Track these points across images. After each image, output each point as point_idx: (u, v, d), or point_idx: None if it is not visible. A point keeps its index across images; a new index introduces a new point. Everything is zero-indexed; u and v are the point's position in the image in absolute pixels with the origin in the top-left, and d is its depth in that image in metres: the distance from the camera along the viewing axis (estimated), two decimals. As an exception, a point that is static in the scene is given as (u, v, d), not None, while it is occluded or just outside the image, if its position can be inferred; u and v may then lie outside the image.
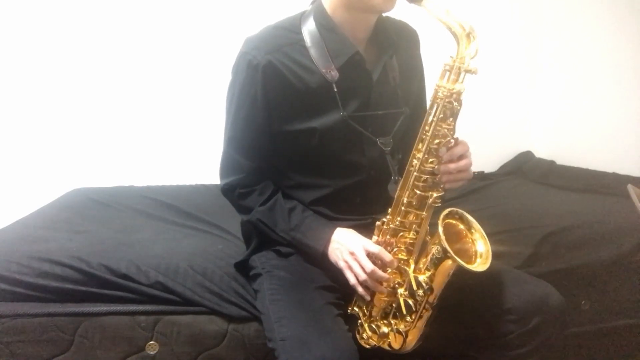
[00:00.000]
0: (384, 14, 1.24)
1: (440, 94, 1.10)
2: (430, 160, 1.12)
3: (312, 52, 1.18)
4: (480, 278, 1.19)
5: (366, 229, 1.22)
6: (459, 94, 1.09)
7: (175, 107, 2.25)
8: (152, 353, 1.32)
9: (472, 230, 1.16)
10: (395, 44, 1.26)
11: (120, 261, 1.37)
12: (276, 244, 1.28)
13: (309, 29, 1.20)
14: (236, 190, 1.27)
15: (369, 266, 1.12)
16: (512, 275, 1.25)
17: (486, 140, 2.38)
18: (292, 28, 1.22)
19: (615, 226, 1.68)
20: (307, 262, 1.25)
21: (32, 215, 1.80)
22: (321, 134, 1.20)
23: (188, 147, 2.27)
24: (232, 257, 1.45)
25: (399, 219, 1.16)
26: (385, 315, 1.19)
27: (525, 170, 2.40)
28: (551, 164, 2.42)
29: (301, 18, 1.22)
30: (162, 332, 1.32)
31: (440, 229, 1.08)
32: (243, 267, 1.37)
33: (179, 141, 2.28)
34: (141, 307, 1.33)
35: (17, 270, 1.33)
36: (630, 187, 1.29)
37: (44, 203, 1.94)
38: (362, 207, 1.29)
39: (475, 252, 1.15)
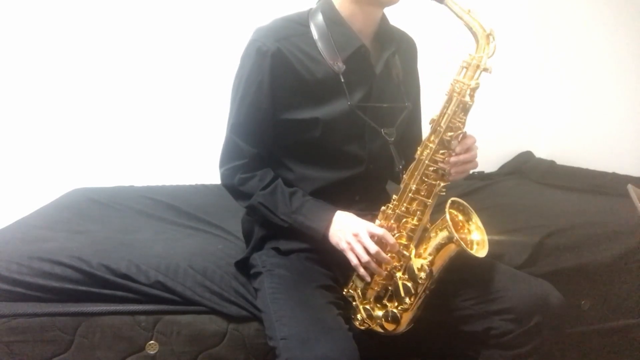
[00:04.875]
0: (387, 16, 1.29)
1: (457, 89, 1.14)
2: (441, 151, 1.16)
3: (320, 44, 1.22)
4: (480, 277, 1.22)
5: None
6: (474, 90, 1.13)
7: (175, 107, 2.25)
8: (152, 353, 1.32)
9: (470, 222, 1.22)
10: (397, 42, 1.30)
11: (120, 261, 1.37)
12: (276, 241, 1.29)
13: (316, 22, 1.24)
14: (237, 176, 1.27)
15: (373, 247, 1.14)
16: (511, 274, 1.26)
17: (486, 140, 2.37)
18: (300, 21, 1.26)
19: (615, 226, 1.68)
20: (308, 261, 1.25)
21: (32, 215, 1.80)
22: (324, 124, 1.23)
23: (188, 147, 2.27)
24: (232, 256, 1.45)
25: (404, 204, 1.20)
26: (379, 298, 1.22)
27: (525, 170, 2.40)
28: (551, 164, 2.43)
29: (309, 13, 1.27)
30: (162, 332, 1.32)
31: (447, 216, 1.13)
32: (244, 266, 1.37)
33: (179, 141, 2.28)
34: (141, 307, 1.33)
35: (17, 270, 1.33)
36: (630, 187, 1.29)
37: (44, 203, 1.93)
38: (361, 203, 1.31)
39: (472, 240, 1.20)
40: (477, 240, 1.20)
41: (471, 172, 2.39)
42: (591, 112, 2.41)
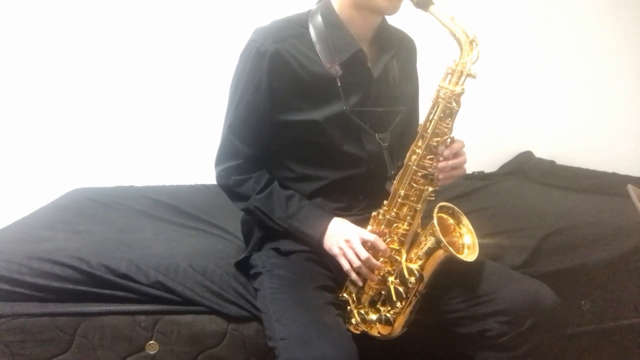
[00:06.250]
0: (387, 18, 1.29)
1: (442, 95, 1.14)
2: (429, 157, 1.17)
3: (318, 46, 1.22)
4: (474, 279, 1.22)
5: (364, 224, 1.24)
6: (459, 95, 1.14)
7: (175, 107, 2.25)
8: (152, 353, 1.32)
9: (461, 225, 1.23)
10: (397, 45, 1.30)
11: (120, 261, 1.37)
12: (276, 242, 1.29)
13: (315, 24, 1.24)
14: (232, 177, 1.28)
15: (364, 254, 1.15)
16: (505, 274, 1.26)
17: (486, 140, 2.39)
18: (299, 22, 1.26)
19: (615, 226, 1.68)
20: (308, 262, 1.26)
21: (32, 215, 1.80)
22: (321, 126, 1.23)
23: (188, 147, 2.27)
24: (231, 256, 1.45)
25: (394, 210, 1.21)
26: (373, 303, 1.23)
27: (525, 170, 2.40)
28: (551, 164, 2.43)
29: (308, 14, 1.27)
30: (162, 332, 1.32)
31: (435, 221, 1.14)
32: (243, 266, 1.37)
33: (179, 141, 2.28)
34: (141, 307, 1.33)
35: (17, 270, 1.33)
36: (630, 187, 1.29)
37: (44, 203, 1.94)
38: (363, 202, 1.32)
39: (463, 244, 1.22)
40: (468, 244, 1.21)
41: (471, 172, 2.41)
42: (591, 112, 2.41)
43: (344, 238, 1.18)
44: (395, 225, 1.21)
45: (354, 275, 1.19)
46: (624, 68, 2.31)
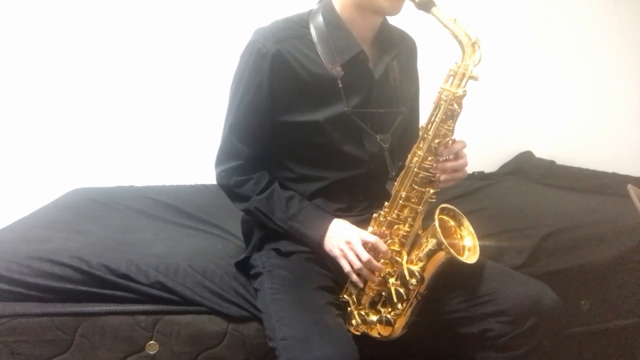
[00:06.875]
0: (388, 19, 1.29)
1: (443, 97, 1.14)
2: (430, 158, 1.17)
3: (319, 47, 1.22)
4: (475, 278, 1.22)
5: (365, 224, 1.24)
6: (461, 98, 1.14)
7: (175, 107, 2.25)
8: (152, 353, 1.32)
9: (462, 227, 1.23)
10: (398, 46, 1.30)
11: (120, 261, 1.37)
12: (276, 242, 1.29)
13: (316, 25, 1.23)
14: (233, 178, 1.28)
15: (365, 255, 1.15)
16: (506, 275, 1.26)
17: (486, 140, 2.39)
18: (300, 22, 1.25)
19: (615, 226, 1.68)
20: (308, 262, 1.26)
21: (32, 215, 1.80)
22: (322, 126, 1.23)
23: (188, 147, 2.27)
24: (232, 256, 1.46)
25: (395, 212, 1.21)
26: (374, 304, 1.23)
27: (525, 170, 2.40)
28: (551, 164, 2.43)
29: (309, 14, 1.26)
30: (162, 332, 1.32)
31: (437, 223, 1.14)
32: (244, 266, 1.37)
33: (179, 141, 2.28)
34: (141, 307, 1.33)
35: (17, 270, 1.33)
36: (630, 187, 1.29)
37: (44, 203, 1.94)
38: (363, 202, 1.32)
39: (464, 246, 1.22)
40: (469, 246, 1.21)
41: (471, 172, 2.41)
42: (591, 112, 2.41)
43: (344, 239, 1.18)
44: (396, 226, 1.21)
45: (354, 277, 1.19)
46: (624, 68, 2.31)
